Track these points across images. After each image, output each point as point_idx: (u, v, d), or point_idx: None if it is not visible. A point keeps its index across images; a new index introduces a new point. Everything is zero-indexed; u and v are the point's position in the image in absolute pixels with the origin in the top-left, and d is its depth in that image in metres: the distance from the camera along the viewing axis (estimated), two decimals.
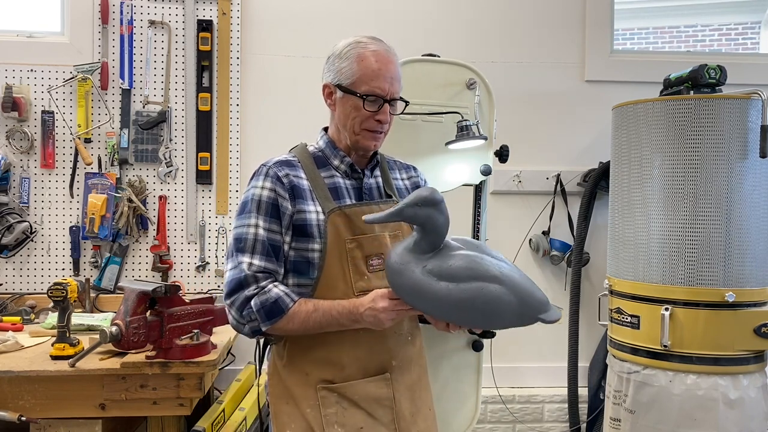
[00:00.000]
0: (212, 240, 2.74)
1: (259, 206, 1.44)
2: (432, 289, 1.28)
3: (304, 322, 1.39)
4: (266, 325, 1.39)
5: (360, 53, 1.46)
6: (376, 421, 1.45)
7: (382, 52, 1.47)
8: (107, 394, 1.91)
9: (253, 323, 1.40)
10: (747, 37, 5.05)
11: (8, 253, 2.62)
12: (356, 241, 1.45)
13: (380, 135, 1.51)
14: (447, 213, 1.33)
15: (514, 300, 1.29)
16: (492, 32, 2.86)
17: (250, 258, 1.41)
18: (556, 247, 2.85)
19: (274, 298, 1.38)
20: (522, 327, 1.35)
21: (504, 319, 1.31)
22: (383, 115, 1.47)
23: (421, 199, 1.30)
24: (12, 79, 2.64)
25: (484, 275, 1.29)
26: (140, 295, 1.85)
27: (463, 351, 2.18)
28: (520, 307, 1.30)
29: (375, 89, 1.44)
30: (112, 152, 2.68)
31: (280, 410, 1.48)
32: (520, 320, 1.32)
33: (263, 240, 1.42)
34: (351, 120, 1.48)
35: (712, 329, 2.05)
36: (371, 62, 1.45)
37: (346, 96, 1.47)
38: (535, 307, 1.32)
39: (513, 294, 1.30)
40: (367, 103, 1.45)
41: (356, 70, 1.45)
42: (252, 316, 1.39)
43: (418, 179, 1.69)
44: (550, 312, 1.33)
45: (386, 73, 1.45)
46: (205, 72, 2.73)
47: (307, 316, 1.39)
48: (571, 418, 2.81)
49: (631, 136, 2.23)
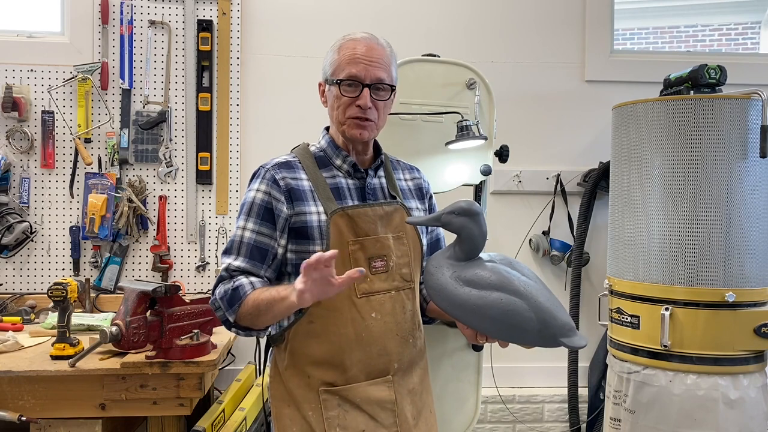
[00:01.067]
0: (212, 240, 2.74)
1: (251, 209, 1.46)
2: (455, 292, 1.34)
3: (254, 302, 1.37)
4: (230, 313, 1.41)
5: (342, 44, 1.48)
6: (378, 424, 1.44)
7: (363, 39, 1.47)
8: (107, 394, 1.91)
9: (219, 312, 1.43)
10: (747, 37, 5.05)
11: (8, 253, 2.62)
12: (359, 242, 1.44)
13: (367, 123, 1.47)
14: (484, 226, 1.38)
15: (533, 317, 1.30)
16: (492, 32, 2.86)
17: (234, 259, 1.45)
18: (556, 247, 2.85)
19: (235, 286, 1.41)
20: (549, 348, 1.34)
21: (524, 335, 1.32)
22: (363, 99, 1.44)
23: (458, 209, 1.37)
24: (12, 79, 2.64)
25: (506, 287, 1.32)
26: (140, 295, 1.85)
27: (463, 351, 2.18)
28: (540, 325, 1.30)
29: (351, 73, 1.44)
30: (112, 152, 2.68)
31: (282, 413, 1.47)
32: (541, 340, 1.32)
33: (248, 242, 1.44)
34: (336, 110, 1.48)
35: (712, 329, 2.05)
36: (349, 48, 1.45)
37: (330, 87, 1.48)
38: (555, 328, 1.31)
39: (533, 311, 1.30)
40: (344, 87, 1.44)
41: (336, 58, 1.47)
42: (216, 304, 1.43)
43: (421, 181, 1.68)
44: (573, 338, 1.32)
45: (364, 57, 1.44)
46: (205, 72, 2.73)
47: (257, 296, 1.38)
48: (571, 418, 2.81)
49: (631, 136, 2.23)
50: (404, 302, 1.49)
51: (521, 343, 1.35)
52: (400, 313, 1.48)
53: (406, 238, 1.51)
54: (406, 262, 1.50)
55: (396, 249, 1.49)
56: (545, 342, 1.32)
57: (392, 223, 1.50)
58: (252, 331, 1.46)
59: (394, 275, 1.48)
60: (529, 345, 1.35)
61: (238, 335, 1.51)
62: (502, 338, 1.37)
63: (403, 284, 1.49)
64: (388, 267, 1.47)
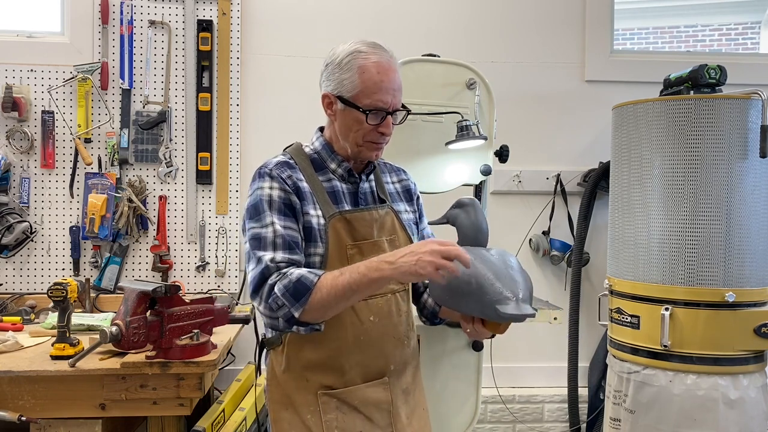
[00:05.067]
0: (212, 240, 2.74)
1: (271, 205, 1.41)
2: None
3: (331, 288, 1.30)
4: (297, 308, 1.31)
5: (362, 65, 1.42)
6: (374, 425, 1.45)
7: (384, 63, 1.43)
8: (107, 394, 1.91)
9: (282, 309, 1.33)
10: (747, 37, 5.05)
11: (8, 253, 2.62)
12: (357, 246, 1.44)
13: (383, 145, 1.49)
14: (476, 217, 1.46)
15: (473, 282, 1.29)
16: (492, 32, 2.86)
17: (273, 253, 1.36)
18: (556, 247, 2.85)
19: (297, 278, 1.32)
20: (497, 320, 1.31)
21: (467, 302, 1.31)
22: (386, 128, 1.44)
23: (455, 202, 1.51)
24: (12, 79, 2.64)
25: (476, 258, 1.32)
26: (140, 295, 1.85)
27: (463, 351, 2.18)
28: (478, 290, 1.28)
29: (377, 103, 1.41)
30: (112, 152, 2.68)
31: (280, 417, 1.47)
32: (480, 306, 1.29)
33: (282, 235, 1.38)
34: (354, 133, 1.45)
35: (712, 329, 2.05)
36: (373, 74, 1.41)
37: (348, 109, 1.44)
38: (491, 294, 1.28)
39: (473, 276, 1.29)
40: (371, 117, 1.42)
41: (358, 83, 1.41)
42: (278, 302, 1.32)
43: (409, 182, 1.68)
44: (507, 305, 1.27)
45: (389, 85, 1.42)
46: (205, 72, 2.73)
47: (333, 281, 1.31)
48: (571, 418, 2.81)
49: (631, 136, 2.23)
50: (399, 304, 1.51)
51: (466, 311, 1.35)
52: (395, 316, 1.49)
53: (398, 241, 1.51)
54: None
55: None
56: (485, 309, 1.29)
57: (385, 227, 1.50)
58: (315, 325, 1.40)
59: None
60: (475, 314, 1.34)
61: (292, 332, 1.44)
62: (453, 307, 1.37)
63: (398, 286, 1.50)
64: None
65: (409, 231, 1.56)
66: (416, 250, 1.26)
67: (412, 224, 1.60)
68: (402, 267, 1.25)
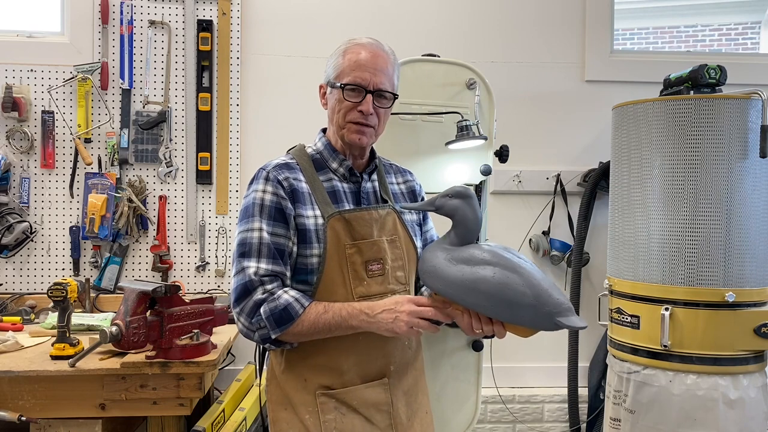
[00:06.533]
0: (212, 240, 2.74)
1: (261, 210, 1.41)
2: (448, 270, 1.30)
3: (313, 324, 1.36)
4: (276, 332, 1.35)
5: (347, 48, 1.47)
6: (374, 426, 1.45)
7: (369, 45, 1.47)
8: (107, 394, 1.91)
9: (262, 331, 1.37)
10: (747, 37, 5.04)
11: (8, 253, 2.62)
12: (356, 246, 1.44)
13: (366, 129, 1.46)
14: (477, 210, 1.36)
15: (528, 292, 1.24)
16: (492, 32, 2.86)
17: (257, 262, 1.38)
18: (556, 247, 2.85)
19: (284, 305, 1.35)
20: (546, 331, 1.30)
21: (519, 311, 1.25)
22: (365, 105, 1.44)
23: (452, 192, 1.35)
24: (12, 79, 2.64)
25: (500, 263, 1.27)
26: (140, 295, 1.85)
27: (463, 351, 2.18)
28: (535, 301, 1.24)
29: (356, 79, 1.43)
30: (112, 152, 2.68)
31: (279, 417, 1.47)
32: (537, 317, 1.25)
33: (268, 243, 1.39)
34: (336, 113, 1.47)
35: (712, 329, 2.05)
36: (354, 53, 1.45)
37: (333, 90, 1.48)
38: (551, 306, 1.24)
39: (527, 286, 1.25)
40: (347, 92, 1.44)
41: (341, 62, 1.46)
42: (261, 323, 1.36)
43: (414, 183, 1.68)
44: (571, 317, 1.25)
45: (369, 64, 1.44)
46: (205, 72, 2.73)
47: (317, 318, 1.36)
48: (571, 418, 2.81)
49: (631, 136, 2.23)
50: None
51: (516, 321, 1.28)
52: None
53: (399, 242, 1.52)
54: (400, 265, 1.51)
55: (390, 252, 1.49)
56: (541, 320, 1.26)
57: (386, 227, 1.50)
58: (286, 344, 1.43)
59: (390, 278, 1.48)
60: (526, 325, 1.29)
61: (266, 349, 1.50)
62: (496, 316, 1.29)
63: (398, 287, 1.50)
64: (384, 270, 1.47)
65: (411, 232, 1.56)
66: (395, 308, 1.32)
67: (415, 225, 1.60)
68: (380, 323, 1.34)
